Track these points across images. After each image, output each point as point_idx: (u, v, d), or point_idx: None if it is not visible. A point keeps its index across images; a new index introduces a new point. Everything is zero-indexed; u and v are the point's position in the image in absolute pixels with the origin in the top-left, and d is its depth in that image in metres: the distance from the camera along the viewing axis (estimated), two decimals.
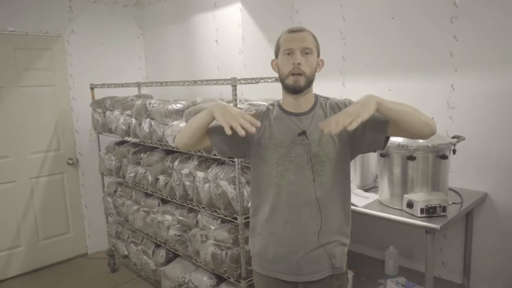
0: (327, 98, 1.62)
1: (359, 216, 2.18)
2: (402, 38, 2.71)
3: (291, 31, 1.52)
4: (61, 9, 3.76)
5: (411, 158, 2.12)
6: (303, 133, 1.52)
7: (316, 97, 1.61)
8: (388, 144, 2.20)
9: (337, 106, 1.57)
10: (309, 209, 1.52)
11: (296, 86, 1.49)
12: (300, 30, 1.52)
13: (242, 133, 1.38)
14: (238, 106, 2.23)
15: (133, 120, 3.05)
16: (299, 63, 1.46)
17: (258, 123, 1.45)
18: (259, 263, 1.64)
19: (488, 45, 2.36)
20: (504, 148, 2.35)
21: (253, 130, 1.39)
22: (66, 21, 3.80)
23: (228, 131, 1.39)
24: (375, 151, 2.12)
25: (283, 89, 1.56)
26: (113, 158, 3.42)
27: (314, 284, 1.56)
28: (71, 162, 3.90)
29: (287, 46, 1.49)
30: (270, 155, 1.54)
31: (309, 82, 1.52)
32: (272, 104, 1.65)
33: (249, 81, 2.37)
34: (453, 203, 2.21)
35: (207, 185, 2.44)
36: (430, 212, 2.02)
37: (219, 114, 1.44)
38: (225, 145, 1.60)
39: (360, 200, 2.34)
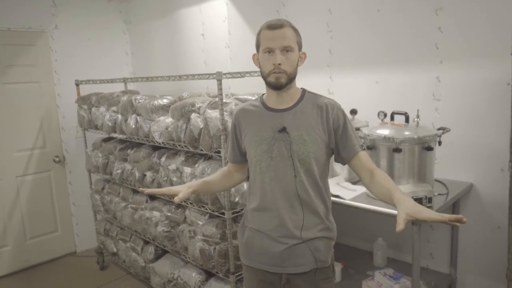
0: (315, 95, 1.60)
1: (347, 209, 2.19)
2: (388, 30, 2.72)
3: (271, 27, 1.47)
4: (44, 4, 3.69)
5: (397, 150, 2.12)
6: (284, 129, 1.51)
7: (303, 92, 1.59)
8: (374, 137, 2.23)
9: (325, 108, 1.54)
10: (291, 205, 1.52)
11: (278, 83, 1.49)
12: (280, 26, 1.47)
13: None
14: (224, 100, 2.22)
15: (119, 116, 3.02)
16: (279, 64, 1.45)
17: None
18: (245, 255, 1.66)
19: (472, 37, 2.37)
20: (489, 139, 2.37)
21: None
22: (49, 17, 3.73)
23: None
24: None
25: (267, 85, 1.55)
26: (100, 155, 3.39)
27: (298, 276, 1.56)
28: (57, 159, 3.85)
29: (267, 45, 1.46)
30: (254, 152, 1.56)
31: (291, 79, 1.51)
32: (256, 99, 1.65)
33: (234, 75, 2.36)
34: (439, 194, 2.23)
35: (194, 181, 2.42)
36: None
37: None
38: (239, 156, 1.71)
39: (348, 193, 2.35)
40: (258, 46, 1.53)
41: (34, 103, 3.71)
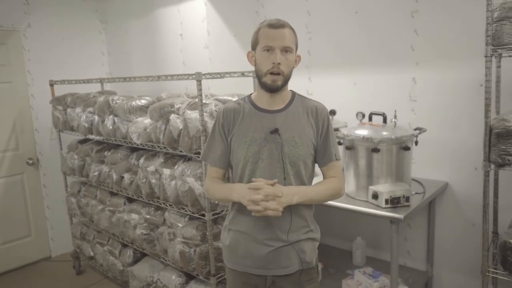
0: (304, 97, 1.61)
1: (326, 209, 2.20)
2: (366, 32, 2.75)
3: (272, 26, 1.45)
4: (16, 2, 3.58)
5: (376, 150, 2.15)
6: (276, 130, 1.50)
7: (293, 94, 1.59)
8: (353, 137, 2.25)
9: (316, 110, 1.57)
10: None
11: (274, 86, 1.48)
12: (282, 26, 1.46)
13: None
14: (204, 101, 2.20)
15: (96, 117, 2.96)
16: (279, 63, 1.44)
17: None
18: (229, 258, 1.63)
19: (446, 39, 2.43)
20: (463, 139, 2.43)
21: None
22: (22, 15, 3.62)
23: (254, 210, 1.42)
24: None
25: (259, 85, 1.53)
26: (76, 157, 3.31)
27: (283, 278, 1.56)
28: (31, 162, 3.74)
29: (267, 43, 1.45)
30: (243, 153, 1.52)
31: (286, 81, 1.51)
32: (243, 99, 1.61)
33: (214, 75, 2.34)
34: (416, 193, 2.27)
35: (173, 182, 2.40)
36: (394, 202, 2.07)
37: (244, 202, 1.46)
38: (228, 159, 1.62)
39: None
40: (255, 44, 1.50)
41: (6, 104, 3.59)
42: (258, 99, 1.57)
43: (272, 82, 1.46)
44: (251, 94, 1.62)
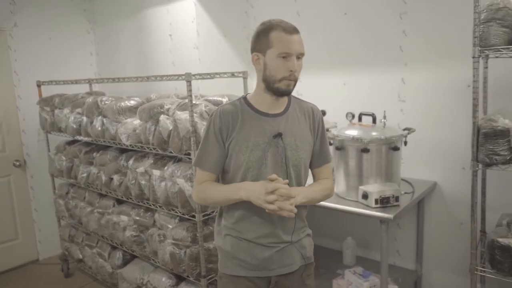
0: (299, 99, 1.61)
1: (317, 209, 2.21)
2: (355, 33, 2.77)
3: (288, 31, 1.40)
4: (2, 1, 3.53)
5: (365, 150, 2.17)
6: (279, 135, 1.48)
7: (289, 96, 1.57)
8: (343, 138, 2.26)
9: (312, 112, 1.58)
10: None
11: (288, 91, 1.46)
12: (297, 31, 1.42)
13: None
14: (194, 102, 2.19)
15: (84, 118, 2.93)
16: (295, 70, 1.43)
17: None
18: (230, 264, 1.56)
19: (434, 40, 2.45)
20: (451, 139, 2.46)
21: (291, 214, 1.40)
22: (8, 14, 3.57)
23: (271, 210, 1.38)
24: None
25: (264, 88, 1.47)
26: (64, 158, 3.27)
27: (286, 277, 1.56)
28: (18, 164, 3.68)
29: (285, 50, 1.39)
30: (245, 158, 1.46)
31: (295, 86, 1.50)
32: (238, 101, 1.53)
33: (204, 76, 2.34)
34: (405, 192, 2.29)
35: (163, 184, 2.39)
36: (384, 202, 2.08)
37: (254, 201, 1.41)
38: (223, 164, 1.54)
39: None
40: (266, 48, 1.42)
41: None
42: (258, 102, 1.51)
43: (287, 87, 1.44)
44: (245, 96, 1.56)
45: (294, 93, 1.55)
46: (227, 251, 1.56)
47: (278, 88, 1.43)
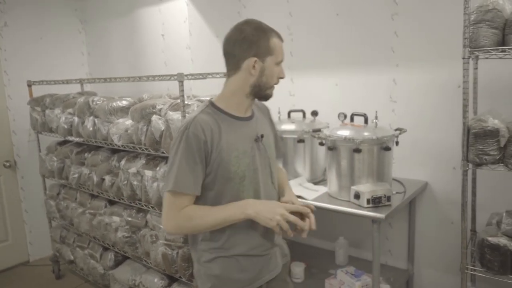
0: None
1: None
2: (347, 34, 2.78)
3: (281, 38, 1.44)
4: None
5: (357, 150, 2.18)
6: (261, 137, 1.46)
7: None
8: (335, 138, 2.27)
9: (266, 109, 1.61)
10: None
11: (271, 96, 1.48)
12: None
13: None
14: (186, 102, 2.19)
15: (76, 118, 2.91)
16: None
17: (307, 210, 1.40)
18: (221, 285, 1.46)
19: (425, 41, 2.47)
20: (442, 139, 2.48)
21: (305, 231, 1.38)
22: None
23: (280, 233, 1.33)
24: None
25: (249, 94, 1.42)
26: (55, 159, 3.25)
27: (273, 280, 1.55)
28: (8, 164, 3.65)
29: (281, 58, 1.44)
30: (235, 169, 1.38)
31: None
32: (209, 109, 1.42)
33: (196, 76, 2.33)
34: (397, 192, 2.30)
35: (155, 184, 2.38)
36: (375, 202, 2.09)
37: (263, 219, 1.32)
38: (201, 183, 1.39)
39: (310, 193, 2.38)
40: (267, 54, 1.39)
41: None
42: (232, 107, 1.43)
43: (272, 93, 1.47)
44: (212, 102, 1.45)
45: (286, 93, 1.56)
46: (217, 275, 1.44)
47: (267, 94, 1.44)
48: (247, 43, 1.37)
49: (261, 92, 1.43)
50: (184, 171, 1.33)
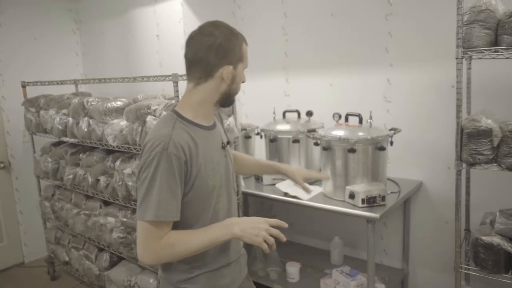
0: None
1: (304, 209, 2.23)
2: (341, 34, 2.79)
3: (247, 43, 1.36)
4: None
5: (352, 150, 2.18)
6: (228, 143, 1.42)
7: None
8: (330, 138, 2.28)
9: (220, 114, 1.55)
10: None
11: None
12: None
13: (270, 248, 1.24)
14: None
15: (70, 119, 2.90)
16: None
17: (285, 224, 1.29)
18: None
19: (419, 42, 2.48)
20: (436, 139, 2.49)
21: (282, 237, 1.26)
22: None
23: (268, 250, 1.24)
24: None
25: (217, 102, 1.35)
26: (50, 160, 3.23)
27: (243, 281, 1.55)
28: (2, 165, 3.63)
29: (247, 63, 1.36)
30: (213, 183, 1.31)
31: None
32: (177, 123, 1.28)
33: None
34: (391, 192, 2.31)
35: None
36: (370, 202, 2.10)
37: (250, 237, 1.23)
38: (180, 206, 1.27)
39: (305, 193, 2.38)
40: (239, 61, 1.32)
41: None
42: (200, 116, 1.33)
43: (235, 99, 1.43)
44: (179, 113, 1.32)
45: (281, 93, 1.56)
46: None
47: (233, 100, 1.40)
48: (223, 51, 1.28)
49: (229, 99, 1.36)
50: (166, 196, 1.20)
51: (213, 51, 1.27)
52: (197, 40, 1.31)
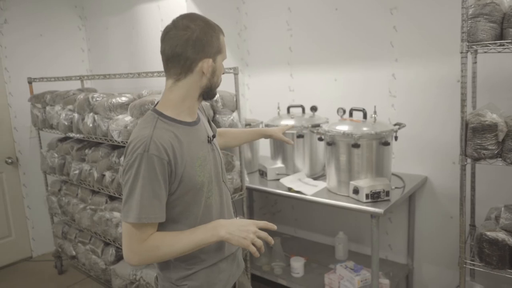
0: None
1: (309, 204, 2.23)
2: (346, 29, 2.78)
3: (223, 34, 1.34)
4: None
5: (356, 145, 2.18)
6: (213, 137, 1.41)
7: None
8: (334, 133, 2.27)
9: (203, 108, 1.51)
10: (230, 214, 1.47)
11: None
12: None
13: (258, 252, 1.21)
14: None
15: (76, 115, 2.92)
16: None
17: (274, 227, 1.27)
18: None
19: (425, 36, 2.46)
20: (441, 134, 2.48)
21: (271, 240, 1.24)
22: None
23: (257, 253, 1.21)
24: None
25: (200, 96, 1.32)
26: (56, 155, 3.26)
27: (241, 275, 1.55)
28: (10, 161, 3.67)
29: (226, 54, 1.34)
30: (201, 179, 1.29)
31: None
32: (158, 122, 1.25)
33: None
34: (396, 187, 2.31)
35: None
36: (374, 197, 2.10)
37: (237, 239, 1.21)
38: (164, 206, 1.25)
39: (310, 188, 2.39)
40: (217, 53, 1.30)
41: None
42: (183, 113, 1.31)
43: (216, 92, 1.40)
44: (160, 112, 1.29)
45: (285, 88, 1.55)
46: (199, 286, 1.36)
47: (215, 93, 1.37)
48: (201, 44, 1.24)
49: (211, 93, 1.34)
50: (148, 198, 1.18)
51: (191, 45, 1.24)
52: (172, 35, 1.27)
